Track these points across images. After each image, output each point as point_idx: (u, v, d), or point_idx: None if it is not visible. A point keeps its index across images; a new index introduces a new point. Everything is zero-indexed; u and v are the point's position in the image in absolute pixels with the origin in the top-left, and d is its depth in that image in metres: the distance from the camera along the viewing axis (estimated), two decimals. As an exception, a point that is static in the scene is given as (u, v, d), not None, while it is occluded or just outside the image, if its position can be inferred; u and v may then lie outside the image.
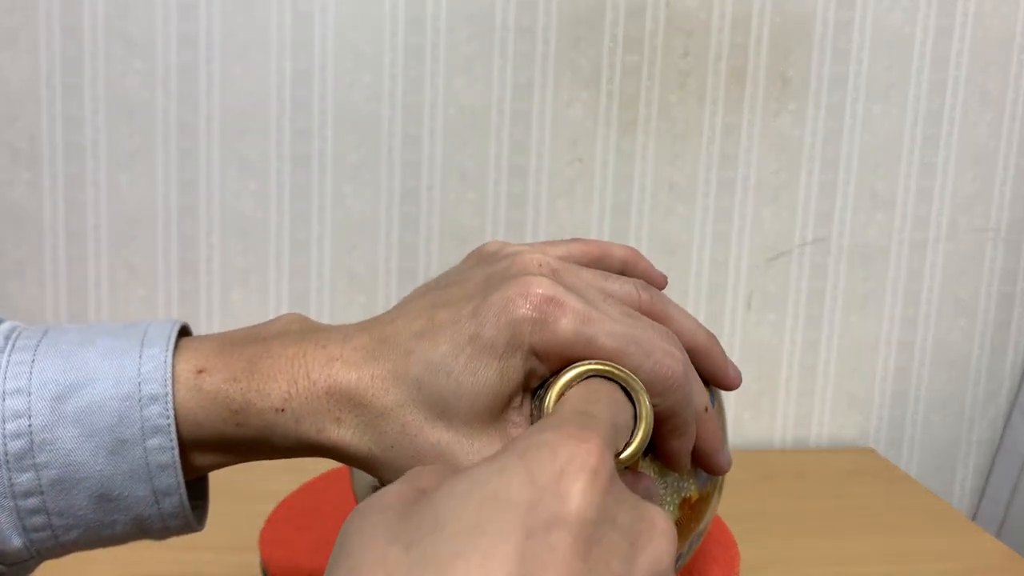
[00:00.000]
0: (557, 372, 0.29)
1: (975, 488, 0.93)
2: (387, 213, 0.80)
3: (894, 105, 0.84)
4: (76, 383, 0.28)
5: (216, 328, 0.81)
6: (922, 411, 0.90)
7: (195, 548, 0.60)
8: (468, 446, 0.28)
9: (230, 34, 0.77)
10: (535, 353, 0.29)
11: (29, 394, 0.27)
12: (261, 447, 0.30)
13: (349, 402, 0.29)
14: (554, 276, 0.31)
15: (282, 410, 0.29)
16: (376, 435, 0.29)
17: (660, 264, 0.84)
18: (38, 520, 0.29)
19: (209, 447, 0.30)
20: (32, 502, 0.28)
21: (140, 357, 0.29)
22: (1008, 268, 0.88)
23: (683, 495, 0.34)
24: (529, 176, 0.81)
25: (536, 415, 0.29)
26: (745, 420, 0.88)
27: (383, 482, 0.29)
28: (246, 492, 0.68)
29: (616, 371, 0.28)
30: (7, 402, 0.27)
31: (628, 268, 0.38)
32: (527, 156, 0.81)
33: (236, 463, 0.32)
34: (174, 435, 0.28)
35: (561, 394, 0.28)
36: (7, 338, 0.29)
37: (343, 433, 0.29)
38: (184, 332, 0.32)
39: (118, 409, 0.28)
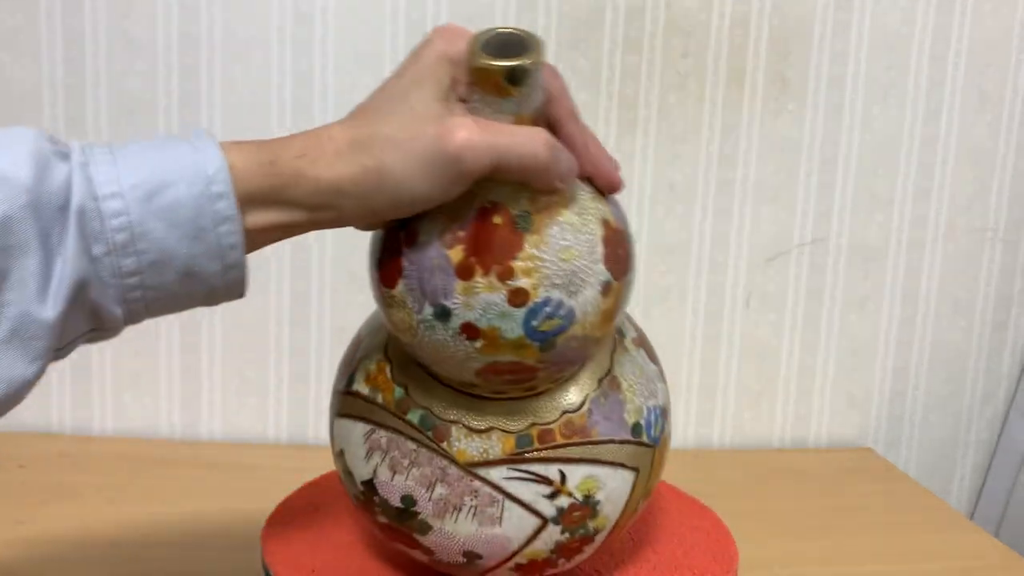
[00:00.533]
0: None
1: (973, 487, 0.93)
2: (387, 213, 0.81)
3: (893, 106, 0.84)
4: (159, 185, 0.35)
5: (217, 327, 0.81)
6: (920, 411, 0.90)
7: (195, 547, 0.61)
8: (437, 119, 0.38)
9: (231, 35, 0.77)
10: (442, 60, 0.40)
11: (123, 197, 0.35)
12: (293, 195, 0.37)
13: (344, 140, 0.38)
14: None
15: (302, 155, 0.37)
16: (362, 152, 0.37)
17: (659, 264, 0.85)
18: (136, 295, 0.36)
19: (261, 203, 0.37)
20: (133, 280, 0.36)
21: (197, 155, 0.36)
22: (1006, 268, 0.89)
23: (602, 215, 0.41)
24: (529, 176, 0.81)
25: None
26: (744, 419, 0.88)
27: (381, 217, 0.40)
28: (246, 492, 0.68)
29: (515, 29, 0.39)
30: (107, 204, 0.34)
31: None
32: (527, 156, 0.81)
33: (289, 232, 0.39)
34: (239, 223, 0.36)
35: (478, 38, 0.39)
36: (83, 152, 0.35)
37: (343, 165, 0.37)
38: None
39: (195, 205, 0.35)
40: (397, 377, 0.44)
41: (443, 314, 0.39)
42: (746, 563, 0.59)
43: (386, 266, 0.41)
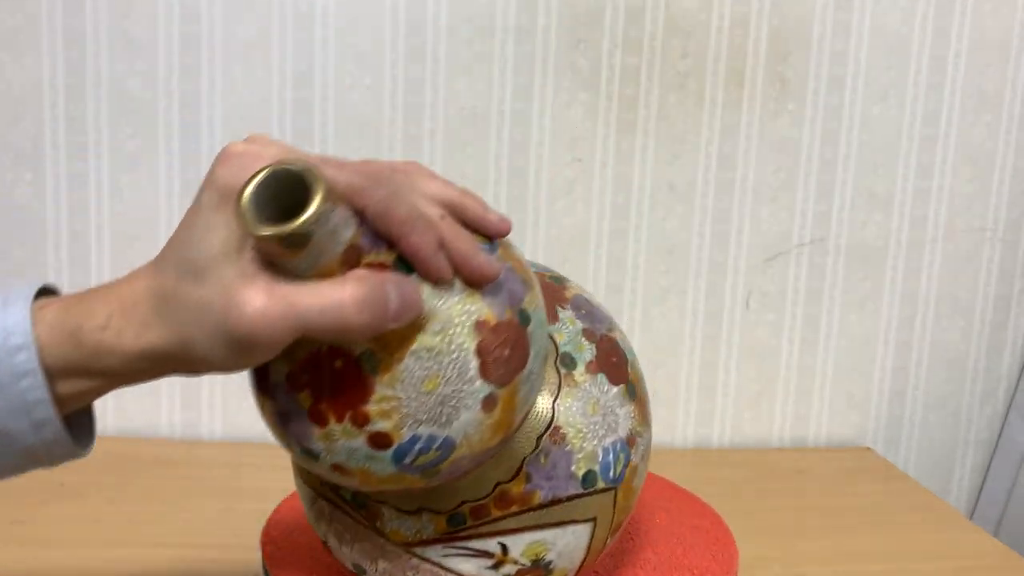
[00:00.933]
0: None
1: (972, 487, 0.93)
2: (387, 213, 0.81)
3: (892, 106, 0.84)
4: None
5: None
6: (920, 410, 0.90)
7: (195, 547, 0.61)
8: (227, 288, 0.33)
9: (231, 35, 0.77)
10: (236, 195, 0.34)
11: None
12: (103, 367, 0.35)
13: (148, 307, 0.34)
14: (255, 138, 0.36)
15: (105, 327, 0.34)
16: (166, 322, 0.34)
17: (659, 264, 0.85)
18: None
19: (71, 374, 0.35)
20: None
21: (4, 313, 0.34)
22: (1005, 268, 0.89)
23: (476, 317, 0.35)
24: (529, 177, 0.82)
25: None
26: (744, 419, 0.88)
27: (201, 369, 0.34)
28: (246, 492, 0.68)
29: (288, 164, 0.31)
30: None
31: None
32: (527, 157, 0.81)
33: (106, 389, 0.36)
34: (41, 375, 0.34)
35: (246, 196, 0.31)
36: None
37: (151, 334, 0.34)
38: (48, 292, 0.38)
39: None
40: None
41: (311, 455, 0.36)
42: (746, 563, 0.59)
43: (256, 397, 0.37)
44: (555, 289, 0.46)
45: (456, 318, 0.34)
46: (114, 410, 0.82)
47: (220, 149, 0.34)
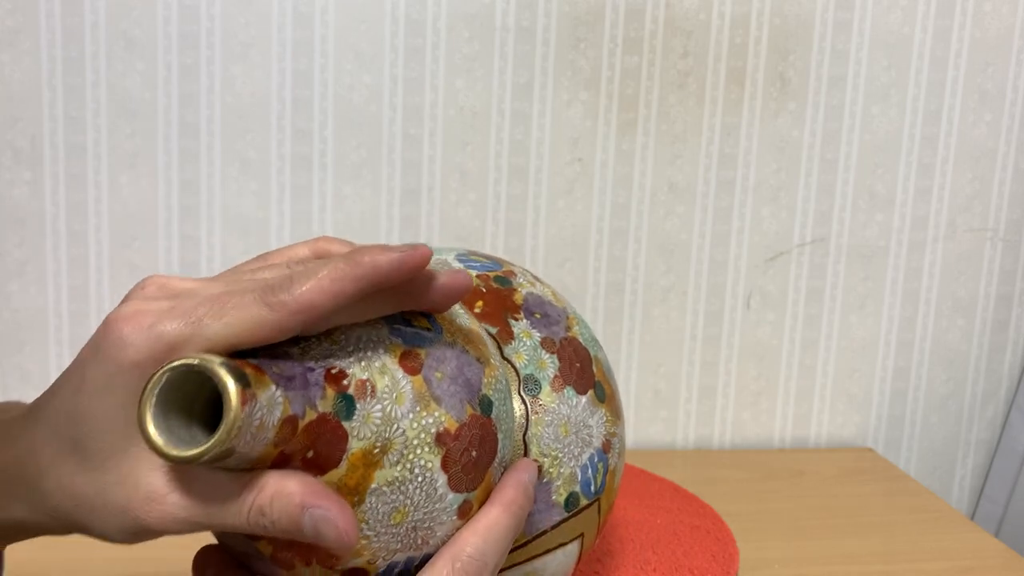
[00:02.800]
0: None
1: (974, 487, 0.93)
2: (387, 213, 0.81)
3: (893, 105, 0.84)
4: None
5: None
6: (921, 411, 0.90)
7: (195, 548, 0.61)
8: (117, 478, 0.29)
9: (231, 34, 0.77)
10: (133, 372, 0.29)
11: None
12: None
13: (15, 479, 0.31)
14: (149, 292, 0.31)
15: None
16: (42, 500, 0.30)
17: (659, 264, 0.85)
18: None
19: None
20: None
21: None
22: (1006, 268, 0.89)
23: (435, 430, 0.32)
24: (529, 176, 0.81)
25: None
26: (744, 420, 0.88)
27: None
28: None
29: (187, 363, 0.27)
30: None
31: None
32: (527, 156, 0.81)
33: None
34: None
35: (144, 406, 0.27)
36: None
37: (21, 509, 0.31)
38: None
39: None
40: None
41: None
42: (746, 563, 0.59)
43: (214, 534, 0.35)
44: (503, 296, 0.43)
45: (413, 439, 0.32)
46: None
47: (108, 317, 0.30)
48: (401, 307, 0.33)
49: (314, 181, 0.80)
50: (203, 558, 0.35)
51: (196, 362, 0.27)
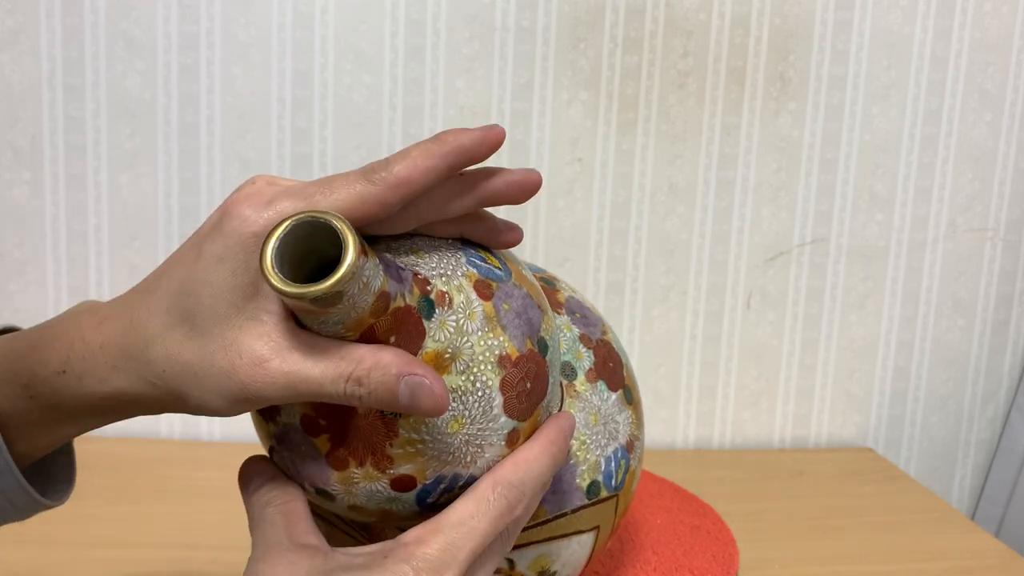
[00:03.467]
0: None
1: (974, 488, 0.93)
2: (387, 213, 0.81)
3: (893, 105, 0.84)
4: None
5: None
6: (921, 411, 0.90)
7: (195, 547, 0.61)
8: (224, 344, 0.31)
9: (231, 34, 0.77)
10: (250, 242, 0.31)
11: None
12: (63, 413, 0.34)
13: (119, 350, 0.32)
14: (260, 184, 0.33)
15: (63, 372, 0.33)
16: (148, 369, 0.32)
17: (660, 264, 0.85)
18: None
19: (25, 425, 0.34)
20: None
21: None
22: (1006, 268, 0.89)
23: (498, 352, 0.34)
24: (529, 176, 0.81)
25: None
26: (744, 420, 0.88)
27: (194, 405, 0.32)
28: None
29: (313, 215, 0.29)
30: None
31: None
32: (527, 156, 0.81)
33: (74, 433, 0.35)
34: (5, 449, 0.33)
35: (266, 248, 0.29)
36: None
37: (122, 379, 0.32)
38: (5, 331, 0.37)
39: None
40: None
41: (327, 496, 0.35)
42: (746, 563, 0.59)
43: (259, 431, 0.36)
44: (549, 293, 0.45)
45: (480, 355, 0.34)
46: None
47: (225, 199, 0.33)
48: (483, 203, 0.35)
49: (314, 181, 0.80)
50: (249, 469, 0.36)
51: (320, 216, 0.29)
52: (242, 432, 0.83)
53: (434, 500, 0.35)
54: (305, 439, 0.34)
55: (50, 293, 0.79)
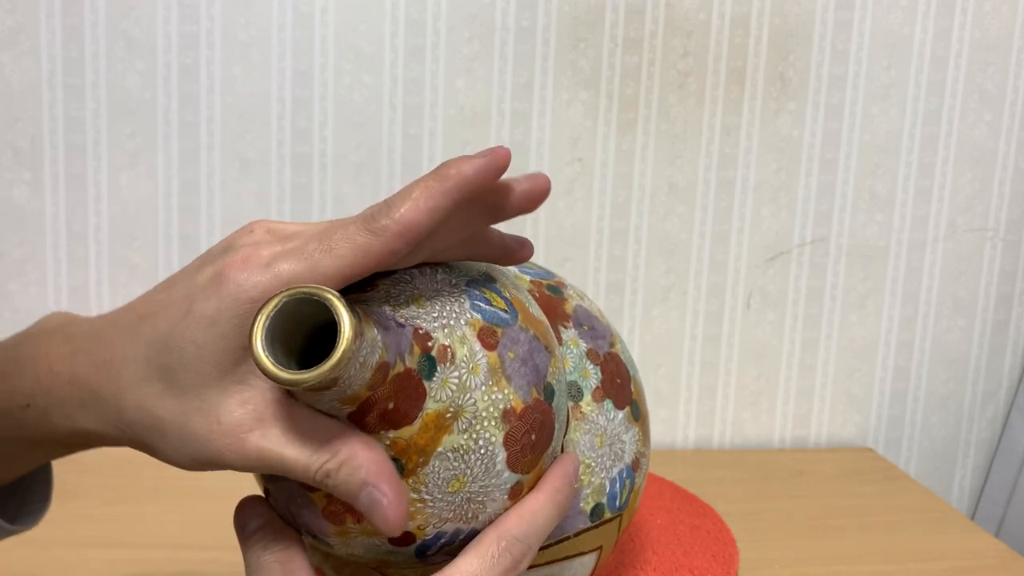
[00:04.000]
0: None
1: (974, 488, 0.93)
2: (387, 213, 0.81)
3: (893, 105, 0.84)
4: None
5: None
6: (921, 411, 0.90)
7: (195, 547, 0.61)
8: (201, 406, 0.30)
9: (231, 34, 0.77)
10: (246, 307, 0.30)
11: None
12: (28, 445, 0.33)
13: (89, 389, 0.31)
14: (259, 236, 0.32)
15: (27, 406, 0.32)
16: (117, 415, 0.31)
17: (660, 264, 0.85)
18: None
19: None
20: None
21: None
22: (1007, 268, 0.89)
23: (503, 406, 0.33)
24: (529, 176, 0.81)
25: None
26: (744, 420, 0.88)
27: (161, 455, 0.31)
28: (246, 492, 0.68)
29: (305, 292, 0.28)
30: None
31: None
32: (527, 156, 0.81)
33: (35, 463, 0.35)
34: None
35: (256, 327, 0.28)
36: None
37: (89, 418, 0.31)
38: None
39: None
40: None
41: (323, 543, 0.34)
42: (746, 563, 0.59)
43: (257, 479, 0.35)
44: (555, 304, 0.44)
45: (483, 411, 0.33)
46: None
47: (218, 244, 0.32)
48: (491, 219, 0.34)
49: (314, 181, 0.80)
50: (245, 512, 0.35)
51: (313, 291, 0.28)
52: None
53: (433, 553, 0.34)
54: (301, 492, 0.33)
55: (50, 293, 0.79)
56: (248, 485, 0.64)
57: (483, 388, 0.33)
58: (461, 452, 0.32)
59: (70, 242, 0.79)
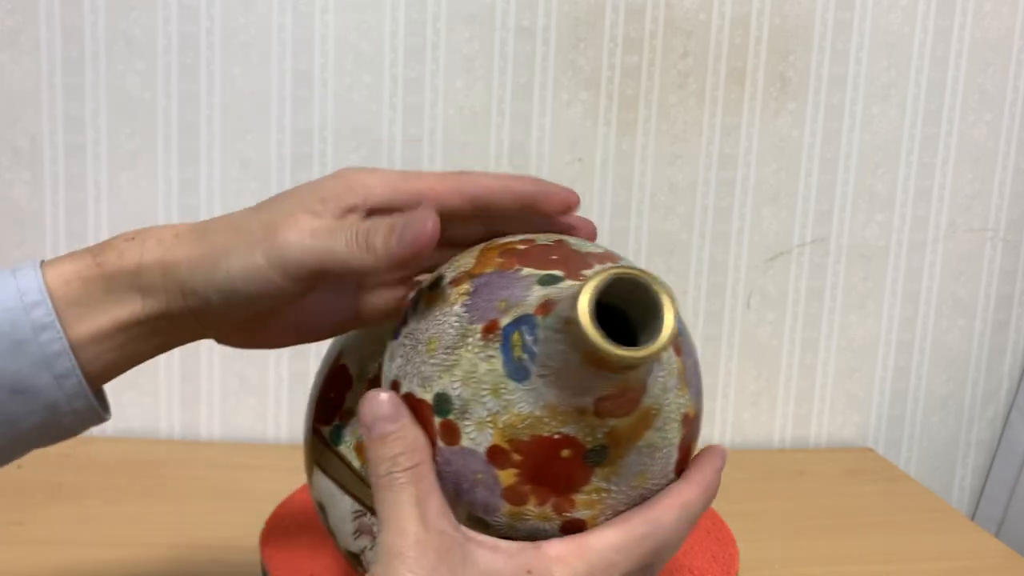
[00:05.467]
0: (580, 281, 0.29)
1: (974, 488, 0.93)
2: (387, 213, 0.81)
3: (893, 105, 0.84)
4: None
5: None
6: (921, 411, 0.90)
7: (195, 547, 0.61)
8: (286, 214, 0.36)
9: (230, 34, 0.77)
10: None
11: None
12: (123, 286, 0.36)
13: (187, 227, 0.37)
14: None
15: (131, 239, 0.36)
16: (206, 239, 0.36)
17: (660, 264, 0.85)
18: None
19: (90, 303, 0.36)
20: None
21: (15, 278, 0.36)
22: (1007, 268, 0.89)
23: (683, 411, 0.34)
24: (529, 176, 0.81)
25: (563, 317, 0.29)
26: (744, 420, 0.88)
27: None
28: (246, 492, 0.68)
29: (631, 273, 0.29)
30: None
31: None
32: (527, 156, 0.81)
33: (133, 327, 0.37)
34: (59, 327, 0.35)
35: (587, 294, 0.28)
36: None
37: (180, 248, 0.36)
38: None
39: (9, 319, 0.35)
40: None
41: (478, 523, 0.33)
42: (746, 563, 0.59)
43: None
44: None
45: (672, 413, 0.33)
46: (114, 410, 0.81)
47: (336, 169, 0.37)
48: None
49: (314, 181, 0.80)
50: (373, 408, 0.34)
51: (638, 275, 0.28)
52: (241, 432, 0.83)
53: None
54: (486, 468, 0.32)
55: (50, 293, 0.79)
56: (254, 484, 0.63)
57: (675, 391, 0.33)
58: (652, 449, 0.33)
59: (70, 242, 0.79)
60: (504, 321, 0.32)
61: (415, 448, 0.32)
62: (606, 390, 0.31)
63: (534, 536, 0.33)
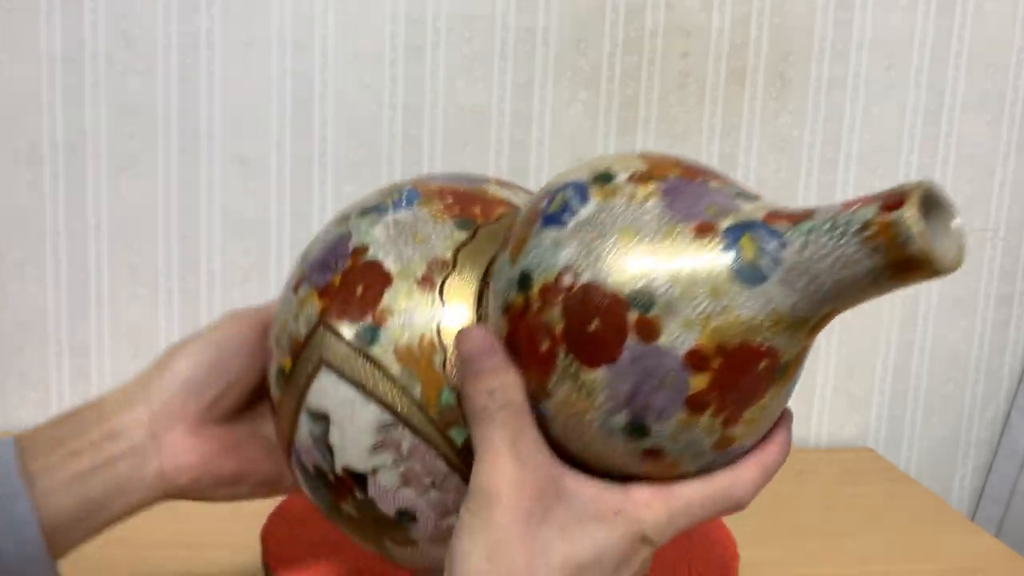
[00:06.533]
0: None
1: (974, 488, 0.93)
2: (387, 213, 0.80)
3: (893, 106, 0.84)
4: None
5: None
6: (921, 411, 0.90)
7: (195, 547, 0.61)
8: None
9: (231, 35, 0.77)
10: None
11: None
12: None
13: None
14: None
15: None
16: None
17: (660, 264, 0.85)
18: None
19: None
20: None
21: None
22: (1007, 268, 0.89)
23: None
24: (529, 176, 0.81)
25: (867, 221, 0.31)
26: (744, 420, 0.88)
27: None
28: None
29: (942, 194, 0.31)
30: None
31: None
32: (527, 156, 0.81)
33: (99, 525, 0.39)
34: (28, 499, 0.37)
35: (915, 200, 0.30)
36: None
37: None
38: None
39: None
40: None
41: (636, 431, 0.32)
42: (746, 563, 0.59)
43: (596, 338, 0.31)
44: None
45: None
46: (114, 410, 0.82)
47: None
48: None
49: (314, 181, 0.80)
50: (472, 342, 0.33)
51: (941, 194, 0.30)
52: (242, 432, 0.82)
53: (725, 462, 0.35)
54: (680, 369, 0.30)
55: (49, 294, 0.79)
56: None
57: None
58: (793, 387, 0.34)
59: (69, 243, 0.79)
60: (723, 224, 0.31)
61: (511, 384, 0.32)
62: (845, 306, 0.32)
63: (691, 447, 0.32)
